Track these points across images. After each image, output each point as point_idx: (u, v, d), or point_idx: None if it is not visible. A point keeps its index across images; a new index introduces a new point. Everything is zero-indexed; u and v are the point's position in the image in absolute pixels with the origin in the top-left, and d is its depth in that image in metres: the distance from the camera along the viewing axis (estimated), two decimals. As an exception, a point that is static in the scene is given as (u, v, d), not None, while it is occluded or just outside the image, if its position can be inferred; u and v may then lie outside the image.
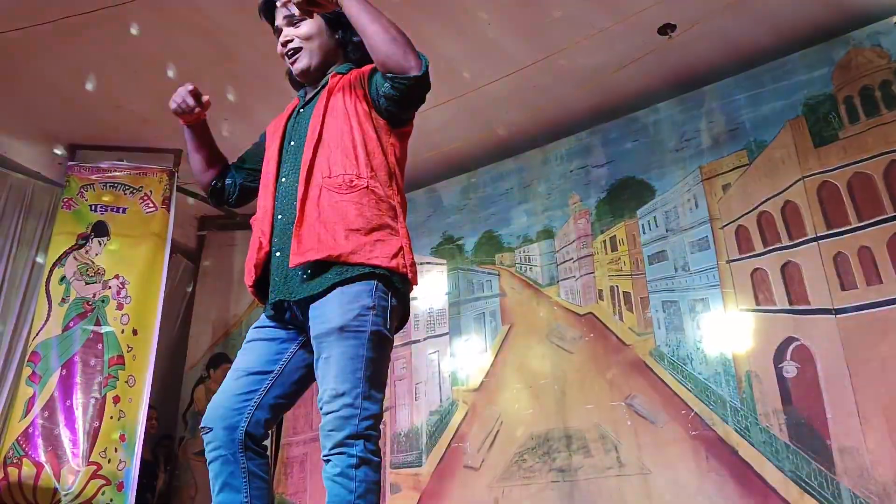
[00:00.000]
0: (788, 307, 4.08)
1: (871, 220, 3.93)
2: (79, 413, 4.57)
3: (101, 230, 5.09)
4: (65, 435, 4.51)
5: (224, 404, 1.72)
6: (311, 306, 1.68)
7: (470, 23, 4.27)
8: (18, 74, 4.58)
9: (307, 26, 1.92)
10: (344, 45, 1.98)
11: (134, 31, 4.22)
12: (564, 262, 5.04)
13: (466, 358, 5.25)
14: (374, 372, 1.64)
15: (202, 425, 1.74)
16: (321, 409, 1.61)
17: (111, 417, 4.63)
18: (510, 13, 4.21)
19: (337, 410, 1.57)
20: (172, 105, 1.92)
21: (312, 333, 1.67)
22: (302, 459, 5.68)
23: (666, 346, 4.43)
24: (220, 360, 6.03)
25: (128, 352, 4.80)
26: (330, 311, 1.64)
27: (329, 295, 1.66)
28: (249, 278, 1.80)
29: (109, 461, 4.53)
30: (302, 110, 1.93)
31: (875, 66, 4.16)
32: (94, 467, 4.48)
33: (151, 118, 5.07)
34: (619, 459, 4.32)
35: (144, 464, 5.03)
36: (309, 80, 1.93)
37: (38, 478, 4.39)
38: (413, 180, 5.83)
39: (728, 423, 4.07)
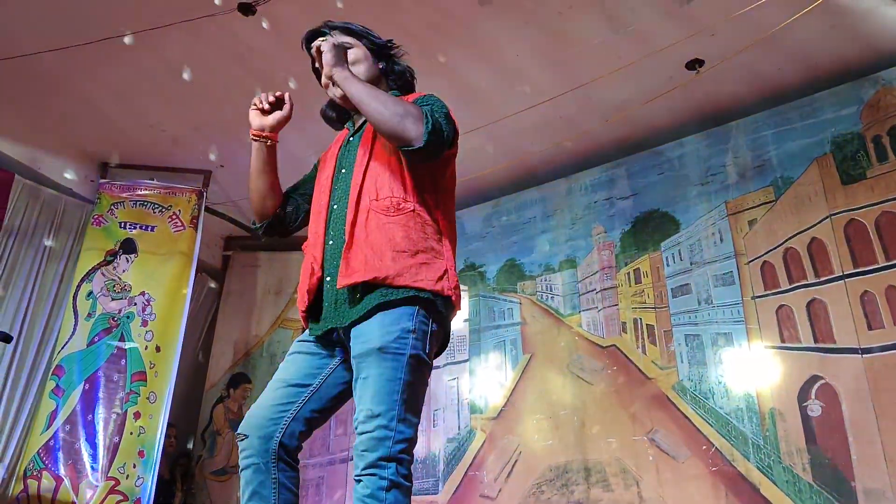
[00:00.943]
0: (814, 345, 4.04)
1: (900, 260, 3.90)
2: (100, 427, 4.61)
3: (129, 247, 5.17)
4: (85, 449, 4.55)
5: (262, 413, 1.74)
6: (356, 331, 1.70)
7: (498, 53, 4.33)
8: (56, 92, 4.70)
9: (352, 55, 1.97)
10: (386, 74, 2.03)
11: (167, 54, 4.32)
12: (587, 292, 5.04)
13: (486, 386, 5.23)
14: (411, 395, 1.64)
15: (238, 432, 1.75)
16: (356, 428, 1.62)
17: (131, 433, 4.66)
18: (538, 44, 4.27)
19: (371, 431, 1.58)
20: (253, 104, 1.99)
21: (353, 353, 1.68)
22: (318, 483, 5.67)
23: (689, 381, 4.40)
24: (240, 380, 6.06)
25: (150, 368, 4.85)
26: (371, 332, 1.65)
27: (372, 317, 1.67)
28: (303, 303, 1.82)
29: (128, 477, 4.55)
30: (352, 139, 1.98)
31: (904, 106, 4.16)
32: (113, 482, 4.50)
33: (183, 139, 5.17)
34: (640, 495, 4.27)
35: (161, 481, 5.04)
36: (350, 105, 1.92)
37: (56, 491, 4.42)
38: (437, 207, 5.86)
39: (750, 460, 4.01)
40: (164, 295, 5.07)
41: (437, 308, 1.74)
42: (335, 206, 1.86)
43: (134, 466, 4.62)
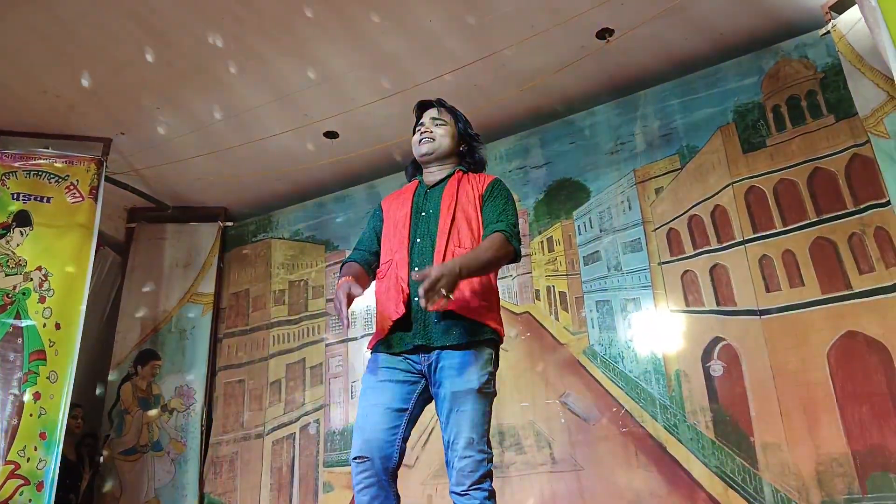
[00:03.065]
0: (716, 308, 4.21)
1: (795, 225, 4.08)
2: (-4, 410, 4.37)
3: (23, 220, 4.89)
4: (-20, 433, 4.32)
5: (379, 437, 2.06)
6: (448, 362, 2.09)
7: (412, 19, 4.26)
8: (-64, 54, 4.36)
9: (445, 129, 2.49)
10: (461, 155, 2.51)
11: (62, 13, 4.06)
12: (501, 260, 5.07)
13: (402, 355, 5.22)
14: (490, 423, 2.11)
15: (358, 455, 2.05)
16: (454, 451, 2.02)
17: (31, 415, 4.44)
18: (451, 10, 4.22)
19: (473, 455, 2.00)
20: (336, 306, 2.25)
21: (451, 388, 2.06)
22: (231, 458, 5.57)
23: (599, 345, 4.51)
24: (148, 357, 5.86)
25: (50, 347, 4.62)
26: (469, 373, 2.06)
27: (465, 356, 2.08)
28: (397, 314, 2.16)
29: (29, 460, 4.35)
30: (430, 190, 2.42)
31: (802, 77, 4.33)
32: (12, 466, 4.29)
33: (80, 105, 4.89)
34: (553, 456, 4.37)
35: (67, 463, 4.85)
36: (425, 161, 2.47)
37: (-50, 477, 4.18)
38: (353, 176, 5.78)
39: (657, 420, 4.16)
40: (63, 270, 4.82)
41: (499, 347, 2.21)
42: (418, 240, 2.26)
43: (35, 449, 4.42)
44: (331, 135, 5.25)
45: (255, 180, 5.81)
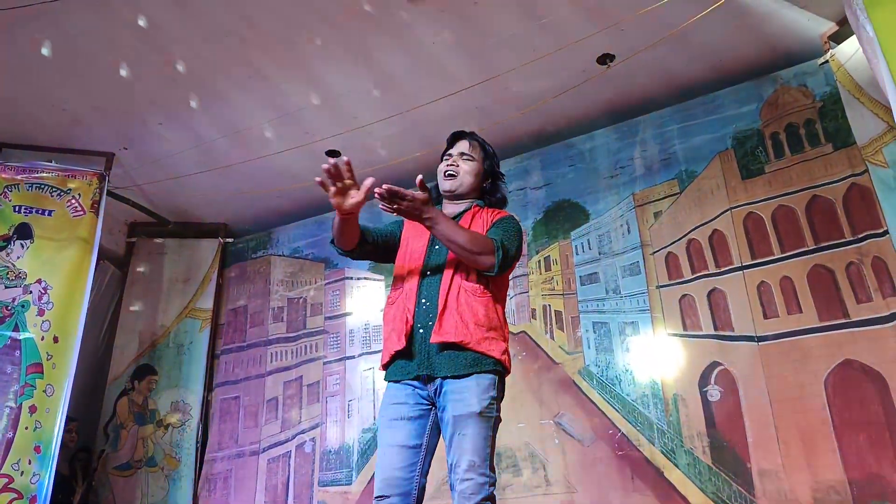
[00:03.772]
0: (714, 333, 4.21)
1: (793, 252, 4.10)
2: (-9, 423, 4.36)
3: (24, 232, 4.90)
4: (-25, 445, 4.30)
5: (397, 475, 2.12)
6: (450, 388, 2.13)
7: (415, 40, 4.30)
8: (-58, 67, 4.40)
9: (471, 166, 2.50)
10: (485, 192, 2.54)
11: (69, 29, 4.10)
12: (500, 281, 5.08)
13: (399, 375, 5.21)
14: (493, 447, 2.15)
15: (379, 494, 2.11)
16: (456, 473, 2.07)
17: (26, 428, 4.42)
18: (455, 33, 4.26)
19: (474, 479, 2.04)
20: (324, 168, 2.27)
21: (453, 412, 2.11)
22: (226, 476, 5.55)
23: (595, 367, 4.51)
24: (145, 372, 5.85)
25: (47, 360, 4.61)
26: (469, 398, 2.11)
27: (467, 382, 2.13)
28: (399, 344, 2.21)
29: (23, 474, 4.33)
30: None
31: (800, 105, 4.36)
32: (6, 480, 4.26)
33: (84, 119, 4.93)
34: (547, 478, 4.36)
35: (61, 478, 4.83)
36: (448, 196, 2.50)
37: (-57, 490, 4.16)
38: (352, 195, 5.79)
39: (655, 444, 4.15)
40: (63, 283, 4.82)
41: (504, 377, 2.25)
42: (428, 273, 2.30)
43: (29, 462, 4.40)
44: (332, 153, 5.28)
45: (255, 197, 5.83)
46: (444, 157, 2.57)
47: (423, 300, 2.26)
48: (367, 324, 5.49)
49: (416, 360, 2.21)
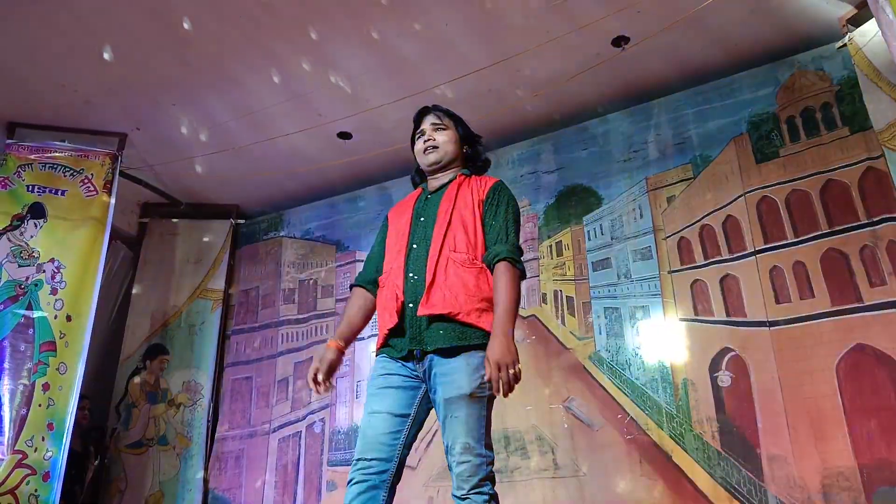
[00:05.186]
0: (726, 318, 4.19)
1: (807, 236, 4.07)
2: (5, 399, 4.41)
3: (37, 212, 4.93)
4: (-11, 422, 4.35)
5: (379, 440, 2.09)
6: (440, 369, 2.09)
7: (428, 22, 4.28)
8: (-43, 46, 4.41)
9: (447, 135, 2.46)
10: (467, 158, 2.51)
11: (82, 9, 4.10)
12: (511, 265, 5.07)
13: (409, 357, 5.23)
14: (489, 425, 2.09)
15: (358, 457, 2.08)
16: (452, 455, 2.02)
17: (39, 405, 4.48)
18: (468, 16, 4.23)
19: (470, 460, 2.00)
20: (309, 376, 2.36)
21: (444, 395, 2.06)
22: (238, 455, 5.59)
23: (605, 352, 4.50)
24: (157, 351, 5.89)
25: (60, 338, 4.66)
26: (460, 379, 2.05)
27: (456, 361, 2.08)
28: (391, 322, 2.18)
29: (36, 450, 4.38)
30: (430, 196, 2.41)
31: (817, 89, 4.32)
32: (20, 456, 4.32)
33: (96, 100, 4.94)
34: (556, 462, 4.37)
35: (73, 455, 4.88)
36: (431, 171, 2.45)
37: (-42, 465, 4.22)
38: (365, 177, 5.80)
39: (663, 428, 4.15)
40: (76, 262, 4.86)
41: None
42: (415, 246, 2.27)
43: (43, 439, 4.45)
44: (344, 136, 5.27)
45: (267, 179, 5.84)
46: (417, 136, 2.51)
47: (411, 274, 2.23)
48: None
49: (407, 335, 2.17)
